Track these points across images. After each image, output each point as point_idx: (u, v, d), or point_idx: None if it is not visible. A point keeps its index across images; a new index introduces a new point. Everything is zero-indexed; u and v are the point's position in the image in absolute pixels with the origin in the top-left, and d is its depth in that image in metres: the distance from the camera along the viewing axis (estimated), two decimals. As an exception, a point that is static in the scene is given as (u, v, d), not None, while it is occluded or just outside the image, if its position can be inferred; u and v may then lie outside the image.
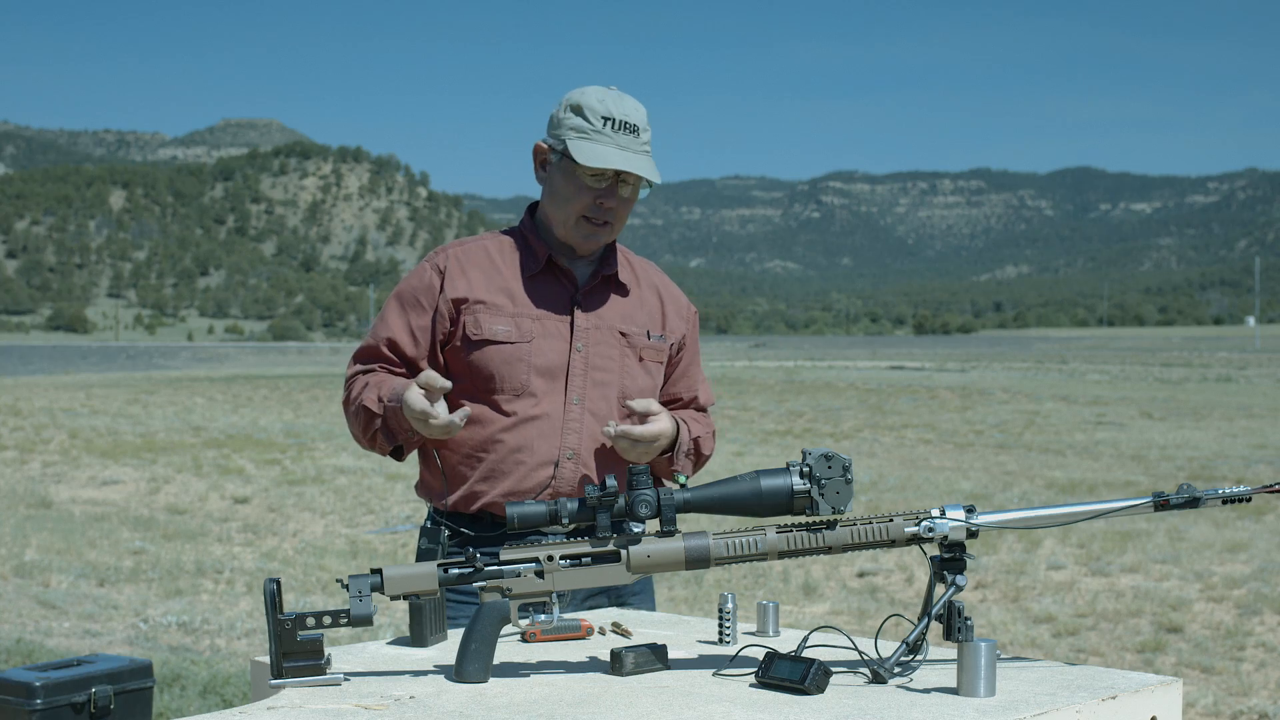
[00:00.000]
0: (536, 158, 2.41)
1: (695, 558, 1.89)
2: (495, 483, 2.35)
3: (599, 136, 2.32)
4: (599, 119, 2.32)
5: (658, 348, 2.46)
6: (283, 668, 1.85)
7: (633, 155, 2.33)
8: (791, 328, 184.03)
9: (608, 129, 2.33)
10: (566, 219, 2.37)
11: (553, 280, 2.42)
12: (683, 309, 2.54)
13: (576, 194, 2.35)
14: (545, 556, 1.90)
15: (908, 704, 1.77)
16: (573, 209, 2.36)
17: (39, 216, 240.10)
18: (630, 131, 2.34)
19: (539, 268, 2.41)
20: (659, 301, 2.50)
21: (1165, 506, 1.90)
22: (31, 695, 2.51)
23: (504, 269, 2.41)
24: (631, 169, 2.31)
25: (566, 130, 2.34)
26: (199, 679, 4.98)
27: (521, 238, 2.45)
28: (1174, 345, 73.56)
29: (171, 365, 48.57)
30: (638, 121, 2.35)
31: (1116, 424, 18.05)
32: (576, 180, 2.34)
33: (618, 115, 2.33)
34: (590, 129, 2.33)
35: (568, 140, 2.33)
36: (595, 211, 2.36)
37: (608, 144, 2.32)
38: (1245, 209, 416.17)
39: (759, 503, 1.88)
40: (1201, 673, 5.53)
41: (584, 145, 2.32)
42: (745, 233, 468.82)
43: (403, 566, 1.89)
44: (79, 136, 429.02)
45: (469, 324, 2.36)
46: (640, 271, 2.52)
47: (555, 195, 2.38)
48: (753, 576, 7.49)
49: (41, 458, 13.90)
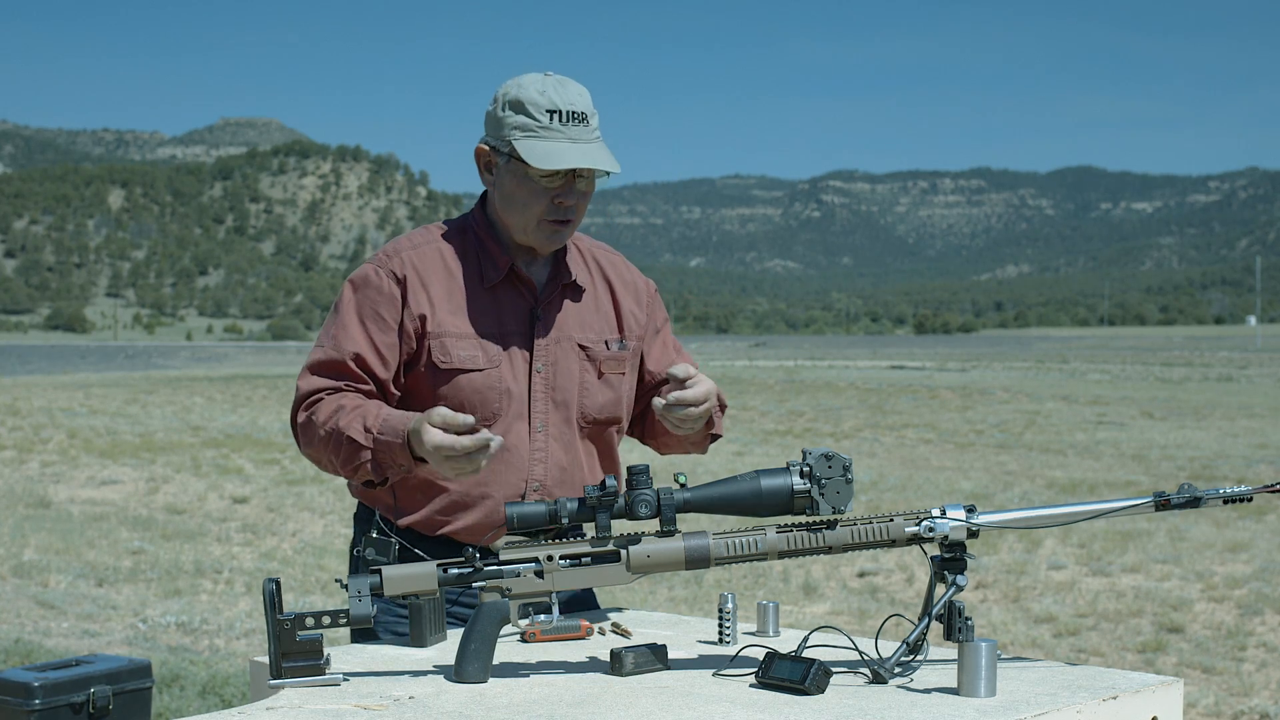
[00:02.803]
0: (479, 160, 2.23)
1: (695, 558, 1.89)
2: (459, 515, 2.22)
3: (547, 133, 2.15)
4: (544, 113, 2.15)
5: (618, 358, 2.30)
6: (282, 668, 1.84)
7: (587, 147, 2.16)
8: (792, 327, 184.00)
9: (556, 123, 2.15)
10: (526, 224, 2.20)
11: (512, 291, 2.24)
12: (639, 295, 2.36)
13: (532, 197, 2.18)
14: (545, 556, 1.89)
15: (908, 704, 1.77)
16: (531, 213, 2.19)
17: (37, 216, 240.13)
18: (579, 121, 2.16)
19: (499, 277, 2.23)
20: (612, 299, 2.33)
21: (1166, 506, 1.90)
22: (30, 695, 2.51)
23: (462, 279, 2.23)
24: (590, 164, 2.15)
25: (510, 130, 2.16)
26: (198, 679, 4.98)
27: (477, 240, 2.25)
28: (1175, 345, 73.55)
29: (170, 365, 48.55)
30: (584, 108, 2.17)
31: (1117, 424, 18.04)
32: (530, 183, 2.17)
33: (563, 106, 2.15)
34: (536, 125, 2.15)
35: (514, 140, 2.16)
36: (555, 212, 2.19)
37: (559, 139, 2.15)
38: (1246, 208, 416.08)
39: (759, 503, 1.88)
40: (1202, 673, 5.52)
41: (533, 145, 2.14)
42: (745, 232, 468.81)
43: (402, 566, 1.89)
44: (77, 136, 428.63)
45: (435, 349, 2.19)
46: (591, 263, 2.34)
47: (509, 200, 2.20)
48: (753, 576, 7.49)
49: (40, 457, 13.89)
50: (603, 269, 2.35)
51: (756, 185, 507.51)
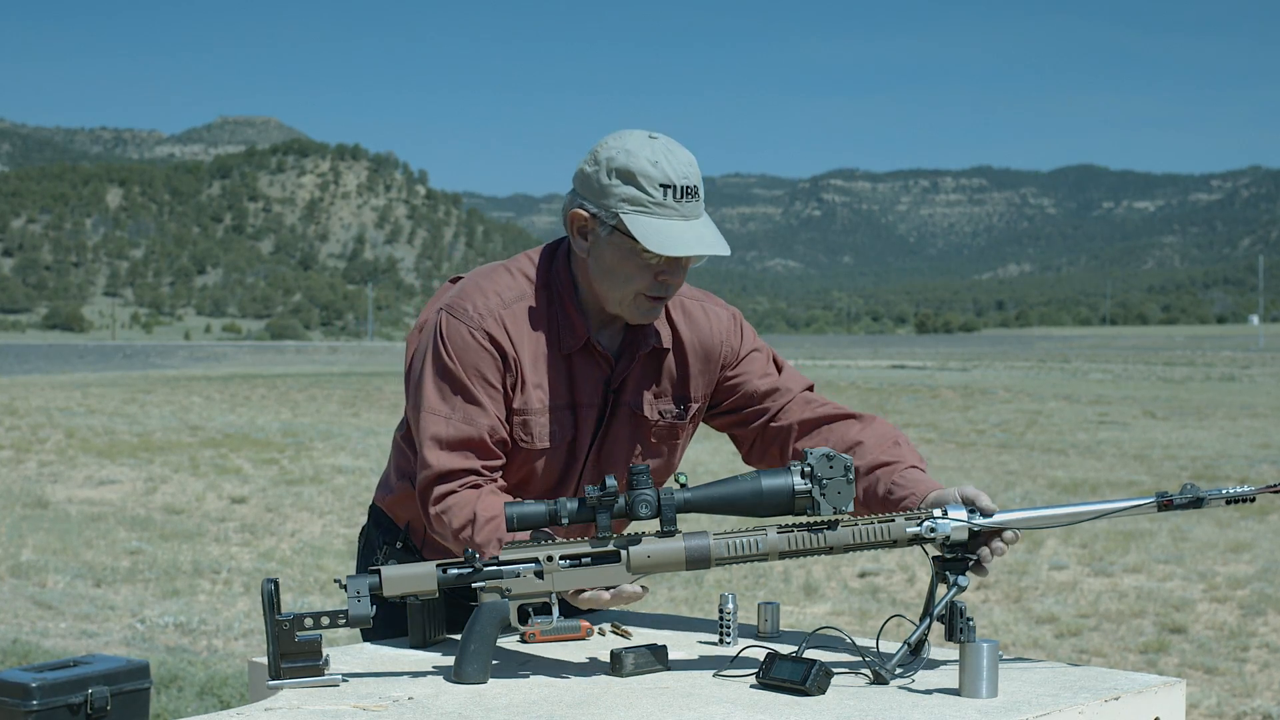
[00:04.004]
0: (573, 224, 2.07)
1: (696, 558, 1.88)
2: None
3: (662, 211, 2.00)
4: (657, 188, 2.00)
5: (671, 427, 2.19)
6: (281, 668, 1.84)
7: (703, 230, 2.03)
8: (792, 326, 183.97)
9: (670, 199, 2.00)
10: (623, 299, 2.06)
11: (588, 360, 2.12)
12: (714, 346, 2.19)
13: (637, 273, 2.03)
14: (545, 557, 1.88)
15: (910, 705, 1.77)
16: (631, 289, 2.05)
17: (35, 215, 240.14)
18: (692, 196, 2.02)
19: (576, 347, 2.11)
20: (682, 362, 2.19)
21: (1169, 507, 1.89)
22: (28, 696, 2.50)
23: (545, 343, 2.09)
24: (706, 251, 2.01)
25: (618, 202, 2.01)
26: (196, 680, 4.97)
27: (559, 300, 2.11)
28: (1177, 344, 73.53)
29: (168, 364, 48.54)
30: (696, 181, 2.03)
31: (1119, 423, 18.03)
32: (636, 258, 2.02)
33: (677, 181, 2.01)
34: (649, 201, 2.00)
35: (623, 214, 2.00)
36: (657, 289, 2.06)
37: (673, 218, 2.00)
38: (1249, 207, 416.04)
39: (760, 503, 1.86)
40: (1205, 673, 5.51)
41: (647, 224, 1.99)
42: (746, 231, 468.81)
43: (401, 567, 1.88)
44: (75, 134, 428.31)
45: (518, 427, 2.08)
46: (665, 322, 2.17)
47: (608, 273, 2.05)
48: (753, 577, 7.48)
49: (38, 457, 13.88)
50: (676, 329, 2.19)
51: (757, 184, 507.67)
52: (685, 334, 2.19)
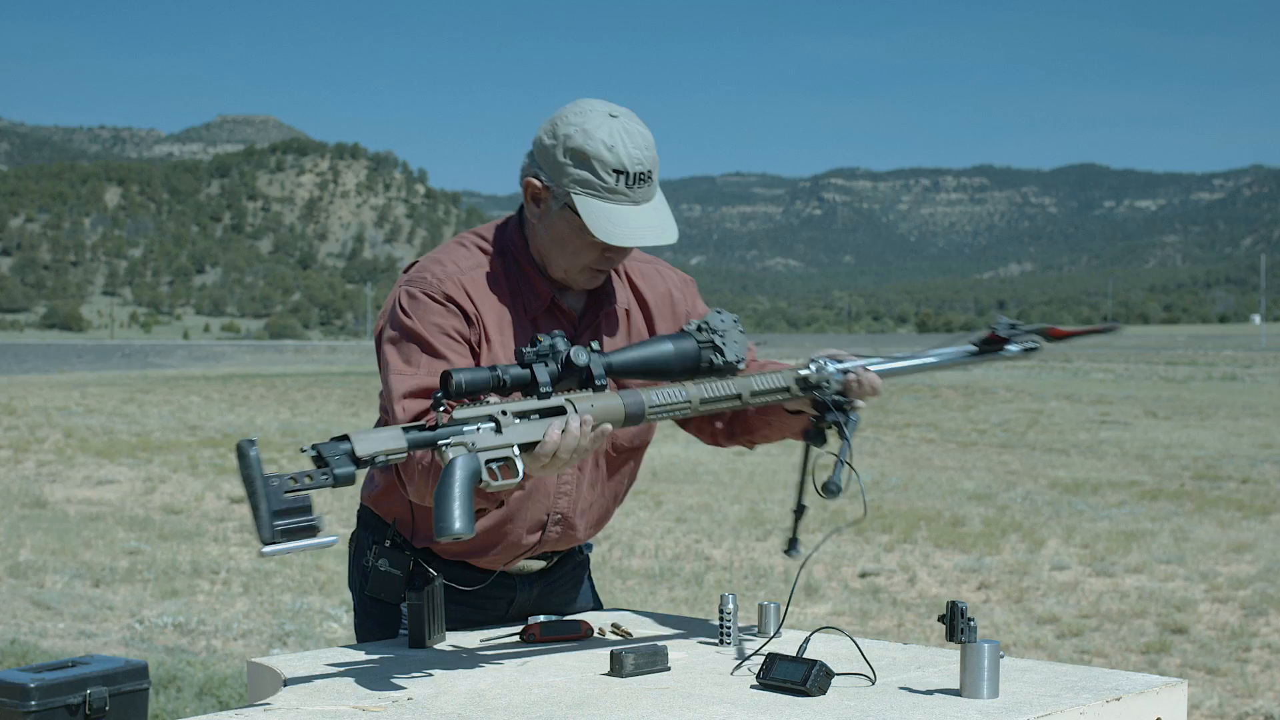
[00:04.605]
0: (528, 191, 2.10)
1: (632, 410, 1.92)
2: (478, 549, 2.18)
3: (613, 197, 2.02)
4: (610, 174, 2.01)
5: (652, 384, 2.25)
6: (275, 529, 1.69)
7: (650, 212, 2.04)
8: (793, 326, 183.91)
9: (622, 185, 2.02)
10: (569, 267, 2.10)
11: (552, 321, 2.15)
12: (676, 305, 2.27)
13: (584, 249, 2.07)
14: (500, 412, 1.84)
15: (910, 705, 1.76)
16: (578, 261, 2.09)
17: (33, 214, 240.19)
18: (645, 182, 2.04)
19: (541, 309, 2.14)
20: (646, 318, 2.24)
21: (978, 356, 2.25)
22: (26, 697, 2.50)
23: (509, 308, 2.13)
24: (655, 242, 2.03)
25: (570, 182, 2.03)
26: (195, 680, 4.97)
27: (517, 265, 2.14)
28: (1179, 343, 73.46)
29: (167, 364, 48.55)
30: (651, 165, 2.04)
31: (1121, 423, 18.02)
32: (584, 236, 2.05)
33: (631, 167, 2.02)
34: (600, 186, 2.02)
35: (573, 195, 2.02)
36: (603, 264, 2.11)
37: (624, 203, 2.02)
38: (1251, 206, 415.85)
39: (671, 360, 1.97)
40: (1207, 674, 5.51)
41: (597, 209, 2.01)
42: (746, 230, 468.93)
43: (370, 430, 1.79)
44: (74, 133, 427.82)
45: None
46: (625, 280, 2.23)
47: (557, 243, 2.09)
48: (754, 577, 7.48)
49: (36, 457, 13.88)
50: (636, 286, 2.24)
51: (757, 183, 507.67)
52: (646, 293, 2.25)
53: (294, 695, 1.82)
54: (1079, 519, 9.51)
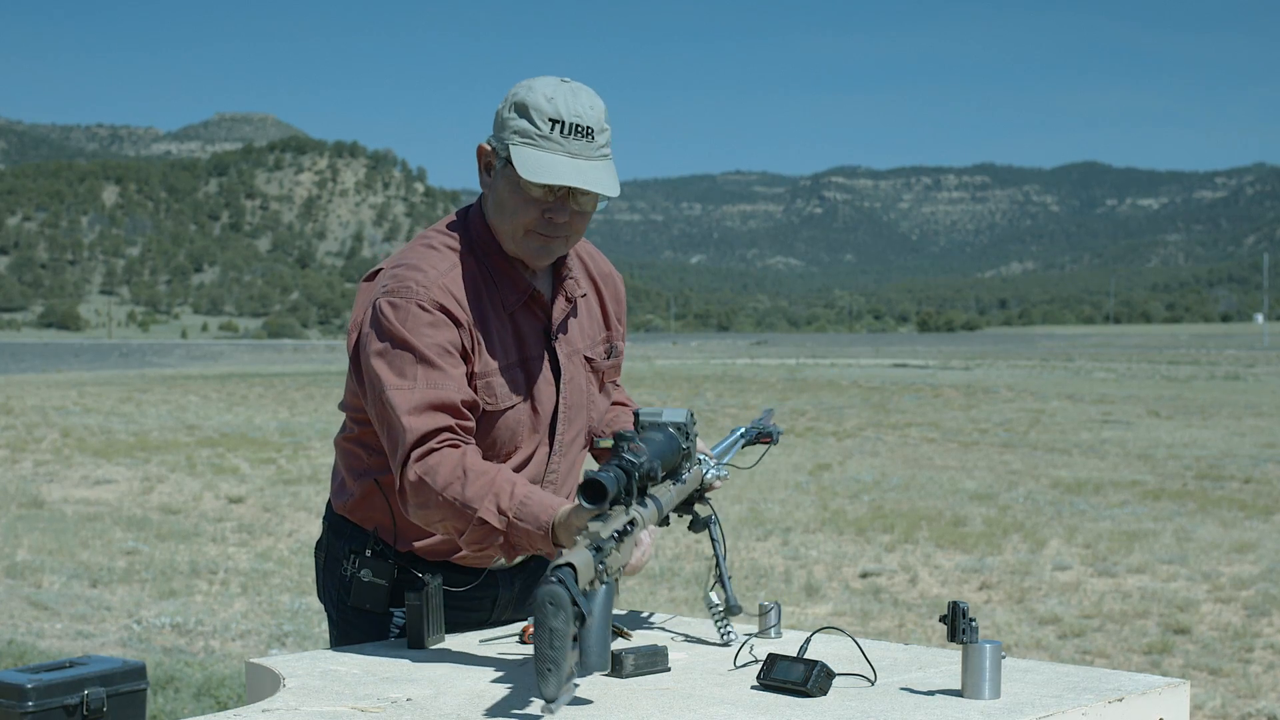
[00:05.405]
0: (480, 159, 2.12)
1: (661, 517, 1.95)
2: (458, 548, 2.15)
3: (546, 144, 2.03)
4: (546, 121, 2.03)
5: (615, 365, 2.30)
6: None
7: (585, 164, 2.04)
8: (794, 325, 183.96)
9: (557, 134, 2.03)
10: (514, 232, 2.09)
11: (528, 312, 2.16)
12: (618, 292, 2.31)
13: (523, 207, 2.06)
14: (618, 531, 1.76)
15: (911, 706, 1.75)
16: (519, 223, 2.07)
17: (31, 212, 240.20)
18: (583, 135, 2.04)
19: (519, 302, 2.14)
20: (598, 299, 2.27)
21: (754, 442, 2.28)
22: (23, 697, 2.49)
23: (487, 304, 2.11)
24: (581, 184, 2.02)
25: (510, 134, 2.05)
26: (193, 681, 4.97)
27: (488, 260, 2.13)
28: (1181, 343, 73.50)
29: (165, 363, 48.58)
30: (592, 123, 2.04)
31: (1123, 422, 18.01)
32: (522, 192, 2.06)
33: (568, 118, 2.03)
34: (536, 134, 2.03)
35: (511, 146, 2.04)
36: (543, 226, 2.08)
37: (557, 152, 2.03)
38: (1254, 204, 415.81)
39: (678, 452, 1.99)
40: (1209, 674, 5.50)
41: (529, 154, 2.02)
42: (747, 229, 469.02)
43: (576, 568, 1.64)
44: (71, 131, 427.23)
45: (482, 390, 2.08)
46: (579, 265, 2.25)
47: (500, 206, 2.09)
48: (754, 577, 7.47)
49: (33, 457, 13.88)
50: (589, 271, 2.27)
51: (758, 181, 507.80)
52: (594, 272, 2.28)
53: (292, 696, 1.81)
54: (1081, 519, 9.50)
